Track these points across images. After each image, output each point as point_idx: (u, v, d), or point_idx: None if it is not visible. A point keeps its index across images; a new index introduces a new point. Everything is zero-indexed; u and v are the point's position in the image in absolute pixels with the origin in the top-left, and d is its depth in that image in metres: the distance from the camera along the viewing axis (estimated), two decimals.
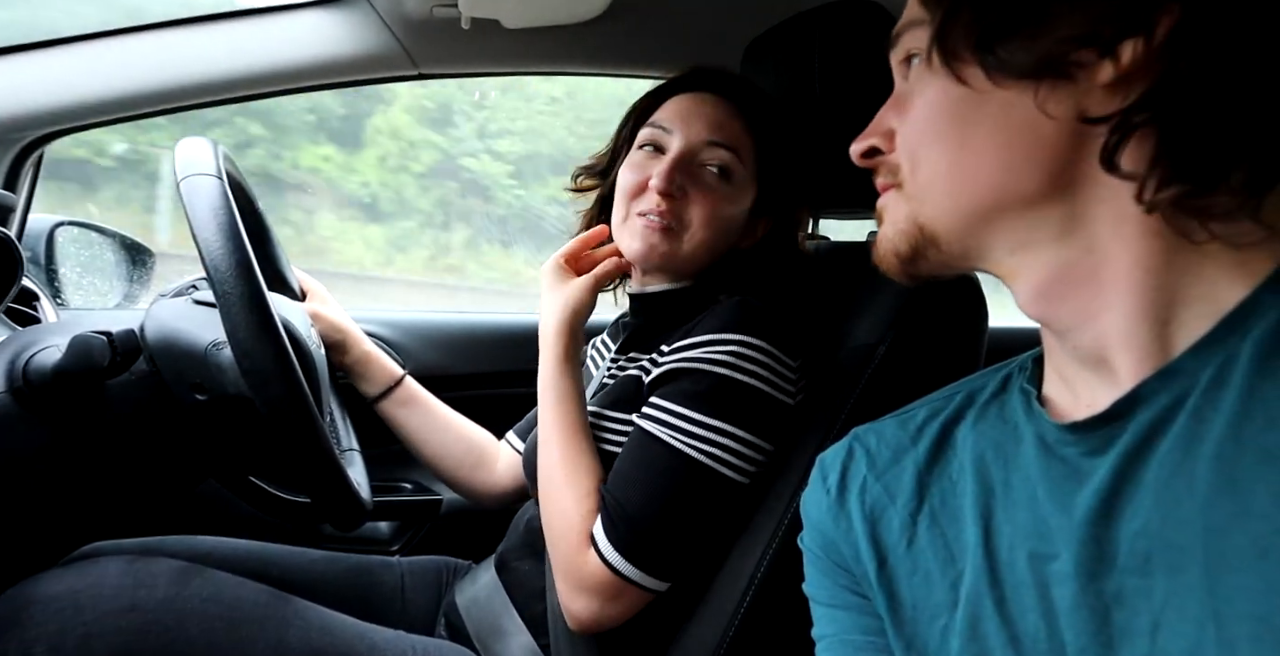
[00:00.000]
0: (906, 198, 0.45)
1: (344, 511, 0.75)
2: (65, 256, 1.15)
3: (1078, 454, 0.41)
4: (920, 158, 0.44)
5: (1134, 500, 0.37)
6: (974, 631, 0.43)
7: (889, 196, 0.47)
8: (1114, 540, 0.38)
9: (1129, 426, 0.38)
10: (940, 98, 0.42)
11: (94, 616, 0.67)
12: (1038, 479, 0.43)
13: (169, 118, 1.08)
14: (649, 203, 0.81)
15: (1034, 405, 0.45)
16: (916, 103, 0.44)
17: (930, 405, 0.54)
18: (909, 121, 0.45)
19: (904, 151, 0.45)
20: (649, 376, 0.79)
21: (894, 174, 0.46)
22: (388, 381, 1.04)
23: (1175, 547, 0.35)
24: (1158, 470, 0.37)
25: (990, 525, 0.45)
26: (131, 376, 0.74)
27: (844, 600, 0.53)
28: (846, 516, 0.53)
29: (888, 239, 0.46)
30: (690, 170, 0.81)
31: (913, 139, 0.44)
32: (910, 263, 0.46)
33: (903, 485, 0.51)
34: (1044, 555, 0.41)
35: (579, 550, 0.73)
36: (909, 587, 0.48)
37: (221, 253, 0.64)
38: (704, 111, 0.83)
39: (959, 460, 0.49)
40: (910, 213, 0.45)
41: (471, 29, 1.02)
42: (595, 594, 0.72)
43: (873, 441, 0.54)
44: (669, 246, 0.81)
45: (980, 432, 0.48)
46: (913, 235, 0.45)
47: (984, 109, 0.40)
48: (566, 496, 0.75)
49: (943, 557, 0.47)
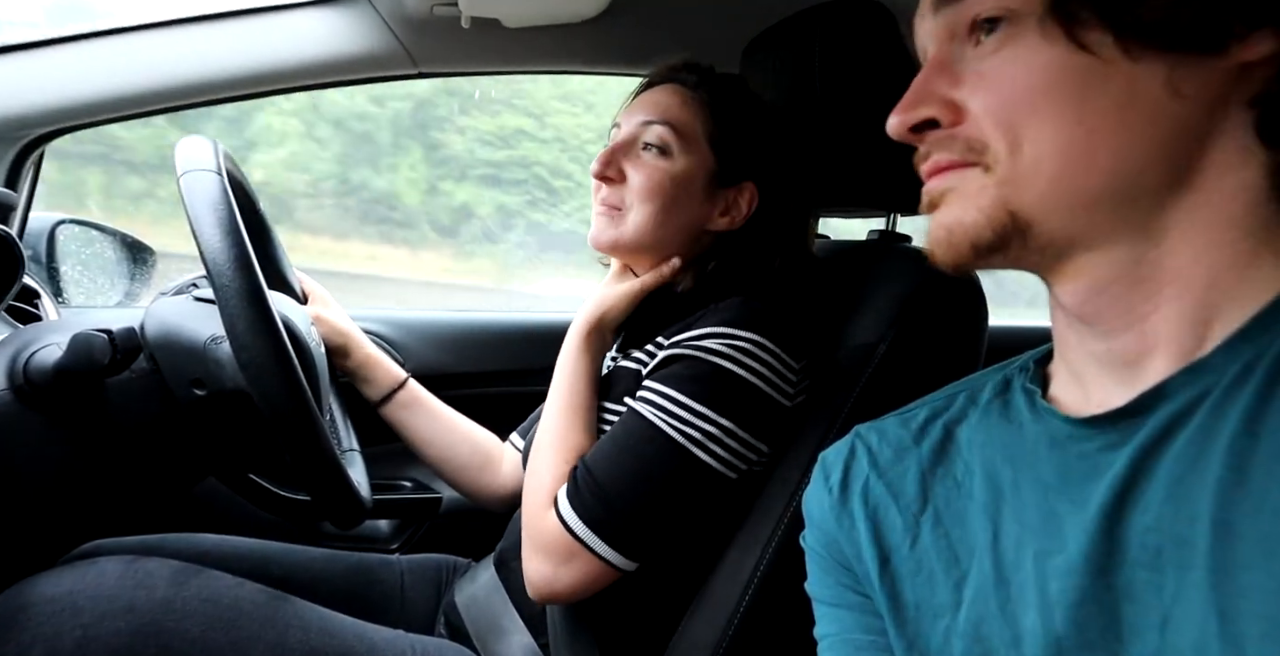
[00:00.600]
0: (999, 181, 0.39)
1: (344, 509, 0.75)
2: (66, 254, 1.16)
3: (1094, 449, 0.40)
4: (1025, 136, 0.38)
5: (1146, 493, 0.37)
6: (977, 632, 0.43)
7: (966, 177, 0.40)
8: (1125, 534, 0.37)
9: (1148, 420, 0.37)
10: (1051, 65, 0.37)
11: (91, 618, 0.66)
12: (1050, 476, 0.42)
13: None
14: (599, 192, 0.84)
15: (1039, 404, 0.45)
16: (1009, 72, 0.38)
17: (931, 405, 0.53)
18: (1005, 90, 0.39)
19: (996, 127, 0.39)
20: (646, 367, 0.79)
21: (973, 151, 0.40)
22: (391, 385, 1.04)
23: (1184, 543, 0.34)
24: (1171, 464, 0.36)
25: (999, 526, 0.44)
26: (132, 374, 0.74)
27: (846, 599, 0.53)
28: (849, 515, 0.52)
29: (965, 226, 0.40)
30: (630, 153, 0.83)
31: (1015, 110, 0.38)
32: (987, 255, 0.40)
33: (906, 485, 0.50)
34: (1049, 551, 0.40)
35: (541, 511, 0.74)
36: (912, 588, 0.48)
37: (220, 247, 0.64)
38: (649, 99, 0.85)
39: (964, 462, 0.48)
40: (1002, 197, 0.39)
41: (471, 28, 1.02)
42: (549, 555, 0.72)
43: (874, 440, 0.54)
44: (616, 228, 0.83)
45: (987, 434, 0.48)
46: (1002, 223, 0.39)
47: (1109, 82, 0.36)
48: (545, 461, 0.77)
49: (946, 558, 0.46)
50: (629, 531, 0.71)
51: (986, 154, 0.39)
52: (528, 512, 0.76)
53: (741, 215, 0.84)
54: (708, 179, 0.82)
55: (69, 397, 0.71)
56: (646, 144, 0.82)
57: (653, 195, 0.81)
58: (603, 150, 0.83)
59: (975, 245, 0.40)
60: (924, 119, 0.41)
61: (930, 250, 0.42)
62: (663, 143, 0.81)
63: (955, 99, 0.40)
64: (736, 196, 0.84)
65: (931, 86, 0.41)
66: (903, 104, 0.42)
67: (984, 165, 0.39)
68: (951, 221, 0.41)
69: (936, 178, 0.42)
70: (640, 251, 0.84)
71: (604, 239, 0.83)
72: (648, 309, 0.89)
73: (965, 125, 0.40)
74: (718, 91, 0.84)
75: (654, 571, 0.74)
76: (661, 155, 0.81)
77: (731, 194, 0.84)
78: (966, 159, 0.40)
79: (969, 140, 0.40)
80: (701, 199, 0.83)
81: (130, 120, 1.06)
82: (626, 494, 0.70)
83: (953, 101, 0.41)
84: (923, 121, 0.41)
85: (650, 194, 0.81)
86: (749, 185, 0.83)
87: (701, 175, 0.82)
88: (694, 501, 0.73)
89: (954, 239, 0.40)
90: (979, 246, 0.40)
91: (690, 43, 1.12)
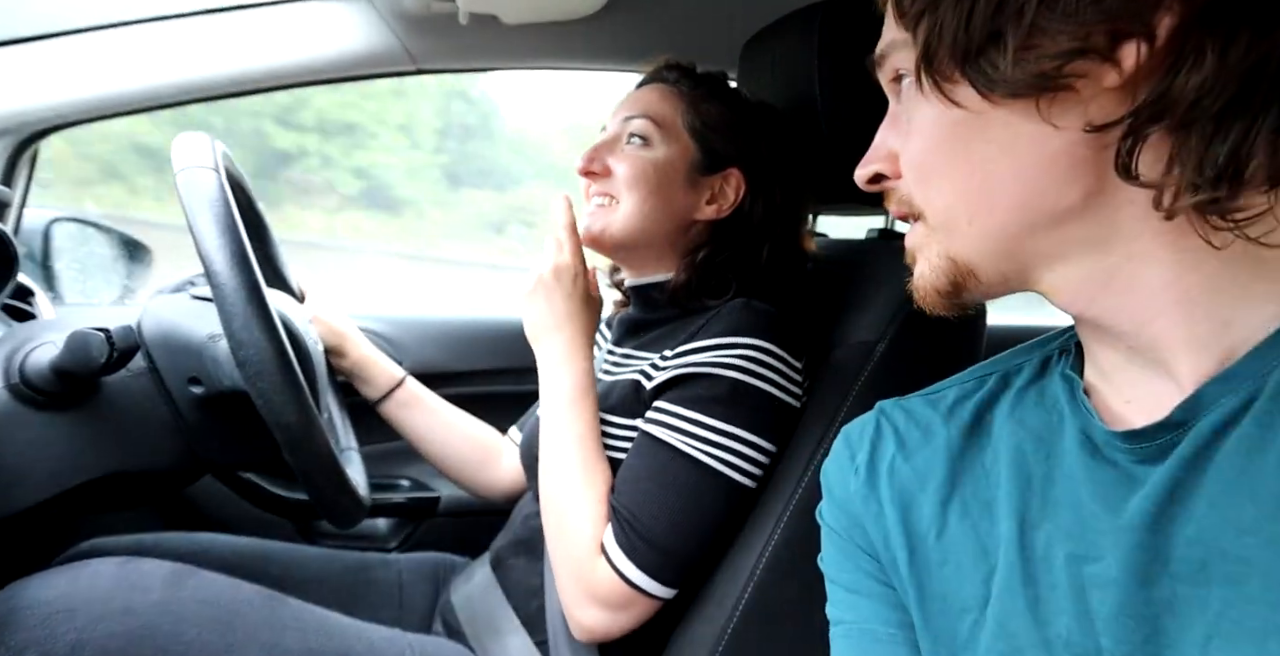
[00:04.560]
0: (931, 230, 0.42)
1: (341, 508, 0.75)
2: (62, 252, 1.15)
3: (1131, 460, 0.39)
4: (932, 187, 0.41)
5: (1188, 506, 0.36)
6: (1003, 629, 0.42)
7: (917, 233, 0.44)
8: (1168, 546, 0.36)
9: (1188, 434, 0.37)
10: (937, 122, 0.40)
11: (85, 621, 0.66)
12: (1083, 479, 0.41)
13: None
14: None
15: (1079, 397, 0.43)
16: (914, 127, 0.41)
17: (960, 386, 0.51)
18: (910, 149, 0.42)
19: (913, 181, 0.42)
20: (651, 381, 0.78)
21: (908, 204, 0.43)
22: (389, 383, 1.04)
23: (1235, 558, 0.34)
24: (1216, 476, 0.35)
25: (1026, 520, 0.43)
26: (129, 373, 0.74)
27: (866, 587, 0.51)
28: (877, 500, 0.50)
29: (924, 277, 0.43)
30: (615, 148, 0.84)
31: (919, 168, 0.42)
32: (953, 296, 0.43)
33: (934, 470, 0.48)
34: (1084, 557, 0.39)
35: (589, 559, 0.72)
36: (939, 580, 0.46)
37: (217, 244, 0.64)
38: (632, 97, 0.87)
39: (994, 448, 0.46)
40: (940, 247, 0.42)
41: (470, 24, 1.02)
42: (606, 604, 0.71)
43: (901, 419, 0.52)
44: (606, 219, 0.84)
45: (1019, 420, 0.46)
46: (949, 270, 0.42)
47: (987, 129, 0.38)
48: (575, 502, 0.74)
49: (974, 550, 0.45)
50: (682, 568, 0.72)
51: (914, 205, 0.43)
52: (570, 557, 0.73)
53: (729, 202, 0.84)
54: (691, 167, 0.84)
55: (65, 396, 0.71)
56: (630, 136, 0.84)
57: (637, 183, 0.82)
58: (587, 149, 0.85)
59: (939, 292, 0.43)
60: (873, 173, 0.45)
61: (918, 302, 0.45)
62: (644, 134, 0.83)
63: (896, 151, 0.43)
64: (723, 184, 0.84)
65: (884, 139, 0.44)
66: (865, 157, 0.45)
67: (918, 217, 0.43)
68: (918, 276, 0.44)
69: (909, 236, 0.45)
70: (631, 243, 0.84)
71: (596, 227, 0.84)
72: (643, 303, 0.89)
73: (901, 179, 0.43)
74: (696, 84, 0.86)
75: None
76: (644, 146, 0.83)
77: (717, 181, 0.84)
78: (906, 212, 0.43)
79: (900, 195, 0.43)
80: (686, 187, 0.84)
81: (125, 117, 1.05)
82: (676, 532, 0.71)
83: (894, 154, 0.43)
84: (875, 174, 0.45)
85: (635, 181, 0.82)
86: (734, 171, 0.84)
87: (684, 163, 0.83)
88: (731, 521, 0.74)
89: (922, 290, 0.44)
90: (942, 293, 0.43)
91: (688, 40, 1.12)
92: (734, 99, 0.86)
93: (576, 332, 0.81)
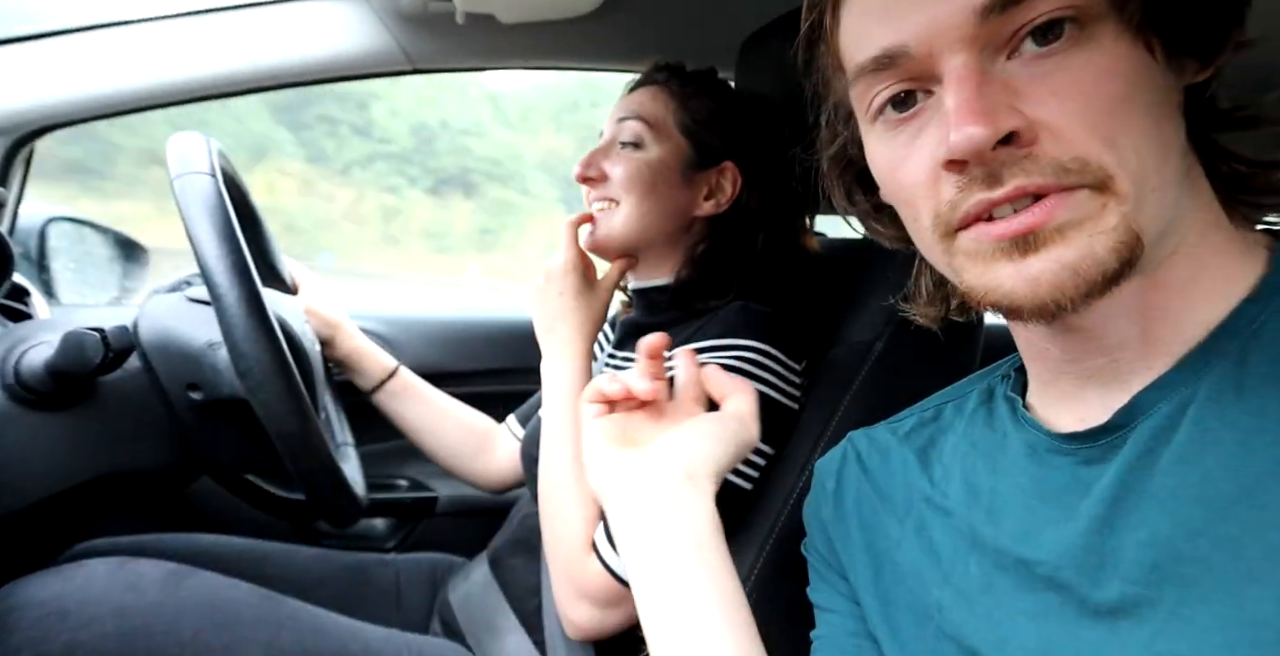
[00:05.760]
0: (1118, 199, 0.35)
1: (339, 508, 0.75)
2: (57, 252, 1.15)
3: (1074, 463, 0.40)
4: (1123, 144, 0.34)
5: (1138, 510, 0.37)
6: (963, 635, 0.43)
7: (1078, 204, 0.35)
8: (1117, 549, 0.37)
9: (1129, 437, 0.38)
10: (1131, 69, 0.35)
11: (79, 622, 0.66)
12: (1030, 487, 0.42)
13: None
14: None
15: (1020, 413, 0.45)
16: (1082, 78, 0.35)
17: (920, 414, 0.54)
18: (1095, 103, 0.35)
19: (1094, 140, 0.35)
20: None
21: (1069, 172, 0.35)
22: (382, 373, 1.04)
23: (1188, 559, 0.34)
24: (1163, 480, 0.36)
25: (979, 532, 0.44)
26: (125, 373, 0.74)
27: (835, 603, 0.54)
28: (845, 524, 0.53)
29: (1097, 259, 0.35)
30: (609, 153, 0.85)
31: (1107, 123, 0.35)
32: (1107, 285, 0.35)
33: (894, 490, 0.51)
34: (1034, 561, 0.41)
35: (580, 556, 0.72)
36: (902, 592, 0.48)
37: (217, 255, 0.64)
38: (625, 100, 0.87)
39: (944, 467, 0.49)
40: (1125, 217, 0.35)
41: (466, 24, 1.02)
42: (596, 600, 0.71)
43: (864, 445, 0.55)
44: (608, 223, 0.84)
45: (971, 442, 0.48)
46: (1130, 245, 0.35)
47: (1158, 83, 0.36)
48: (568, 499, 0.74)
49: (931, 562, 0.47)
50: None
51: (1087, 172, 0.35)
52: (562, 556, 0.73)
53: (726, 196, 0.85)
54: (685, 164, 0.84)
55: (60, 396, 0.70)
56: (623, 142, 0.84)
57: (633, 184, 0.82)
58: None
59: (1105, 276, 0.35)
60: (1011, 131, 0.35)
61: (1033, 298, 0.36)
62: (636, 137, 0.83)
63: (1025, 111, 0.35)
64: (719, 178, 0.85)
65: (998, 98, 0.35)
66: (974, 115, 0.35)
67: (1090, 186, 0.35)
68: (1076, 259, 0.35)
69: (1034, 209, 0.35)
70: (634, 245, 0.84)
71: (599, 232, 0.84)
72: (646, 305, 0.89)
73: (1048, 142, 0.35)
74: (686, 82, 0.86)
75: None
76: (636, 148, 0.83)
77: (713, 176, 0.85)
78: (1063, 182, 0.35)
79: (1057, 160, 0.35)
80: (682, 184, 0.84)
81: (121, 117, 1.05)
82: None
83: (1023, 114, 0.35)
84: (1009, 134, 0.35)
85: (631, 183, 0.82)
86: (729, 166, 0.84)
87: (678, 161, 0.84)
88: (727, 522, 0.73)
89: (1087, 275, 0.35)
90: (1109, 277, 0.35)
91: (686, 39, 1.12)
92: (724, 93, 0.87)
93: (570, 330, 0.81)
